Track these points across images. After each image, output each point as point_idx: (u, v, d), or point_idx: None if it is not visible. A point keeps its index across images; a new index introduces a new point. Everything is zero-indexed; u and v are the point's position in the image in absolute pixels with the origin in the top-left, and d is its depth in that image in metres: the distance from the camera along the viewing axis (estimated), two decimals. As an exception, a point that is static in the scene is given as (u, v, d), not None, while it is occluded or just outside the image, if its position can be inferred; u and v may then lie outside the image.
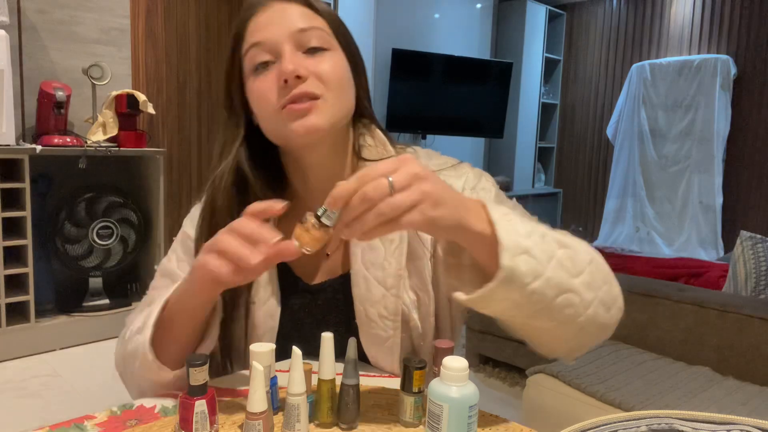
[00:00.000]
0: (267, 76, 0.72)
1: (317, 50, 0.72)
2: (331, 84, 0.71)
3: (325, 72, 0.71)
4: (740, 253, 2.07)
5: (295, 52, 0.71)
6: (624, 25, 4.95)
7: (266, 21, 0.73)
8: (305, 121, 0.70)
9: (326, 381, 0.62)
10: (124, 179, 3.07)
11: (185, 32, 3.35)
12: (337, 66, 0.73)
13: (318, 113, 0.70)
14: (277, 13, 0.73)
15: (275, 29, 0.72)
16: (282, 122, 0.71)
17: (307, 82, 0.70)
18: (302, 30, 0.72)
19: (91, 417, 0.64)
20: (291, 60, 0.70)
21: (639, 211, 4.84)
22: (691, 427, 0.47)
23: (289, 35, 0.71)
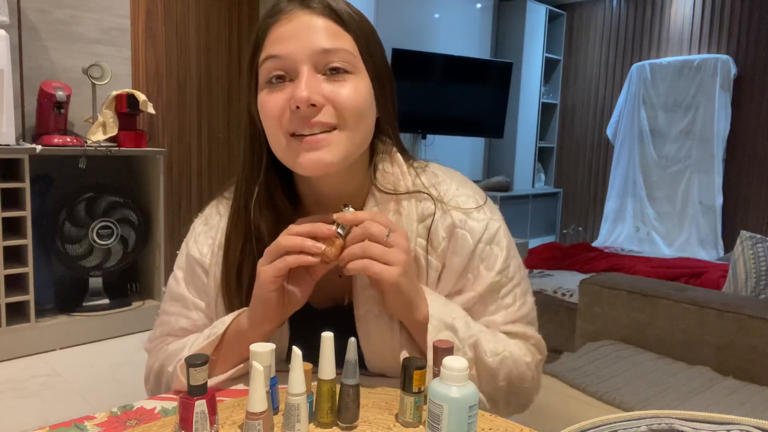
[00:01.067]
0: (279, 93, 0.66)
1: (339, 72, 0.66)
2: (348, 114, 0.66)
3: (343, 101, 0.65)
4: (740, 253, 2.07)
5: (313, 75, 0.65)
6: (624, 25, 4.95)
7: (288, 33, 0.65)
8: (314, 156, 0.65)
9: (326, 381, 0.62)
10: (124, 179, 3.07)
11: (185, 32, 3.35)
12: (358, 93, 0.67)
13: (330, 148, 0.66)
14: (301, 25, 0.65)
15: (296, 45, 0.65)
16: (289, 151, 0.67)
17: (322, 112, 0.65)
18: (325, 50, 0.65)
19: (91, 417, 0.64)
20: (307, 85, 0.64)
21: (639, 211, 4.84)
22: (691, 427, 0.47)
23: (310, 55, 0.65)
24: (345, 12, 0.67)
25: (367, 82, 0.69)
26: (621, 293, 1.87)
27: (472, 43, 4.85)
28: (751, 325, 1.62)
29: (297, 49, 0.65)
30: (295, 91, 0.64)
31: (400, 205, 0.74)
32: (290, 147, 0.67)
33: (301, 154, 0.66)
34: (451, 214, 0.74)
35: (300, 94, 0.63)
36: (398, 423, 0.65)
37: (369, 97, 0.69)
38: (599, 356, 1.72)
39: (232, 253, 0.74)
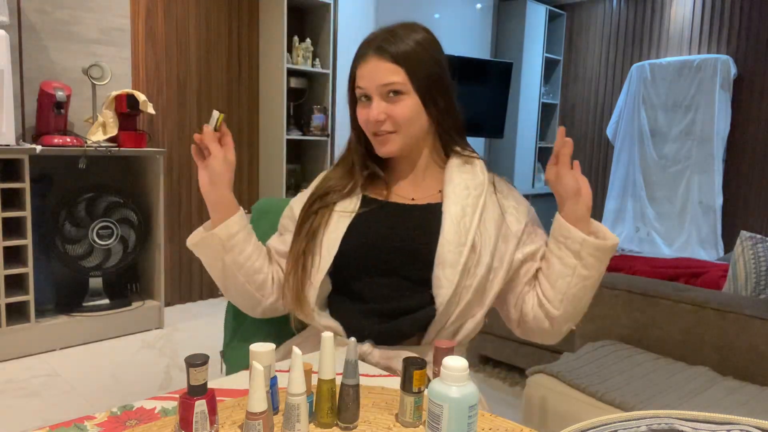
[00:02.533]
0: (365, 108, 1.03)
1: (396, 94, 1.01)
2: (400, 123, 1.02)
3: (396, 116, 1.01)
4: (740, 253, 2.07)
5: (378, 101, 1.01)
6: (624, 25, 4.95)
7: (365, 73, 1.02)
8: (382, 148, 1.04)
9: (326, 381, 0.63)
10: (124, 179, 3.07)
11: (185, 32, 3.35)
12: (407, 109, 1.01)
13: (391, 143, 1.03)
14: (371, 67, 1.01)
15: (369, 81, 1.02)
16: (372, 140, 1.06)
17: (386, 124, 1.02)
18: (385, 84, 1.00)
19: (91, 417, 0.64)
20: (376, 108, 1.01)
21: (639, 211, 4.84)
22: (691, 427, 0.47)
23: (377, 88, 1.01)
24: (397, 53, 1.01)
25: (415, 98, 1.02)
26: (621, 293, 1.87)
27: (472, 43, 4.85)
28: (751, 325, 1.62)
29: (370, 83, 1.02)
30: (370, 113, 1.02)
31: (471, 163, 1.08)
32: (372, 141, 1.06)
33: (377, 146, 1.05)
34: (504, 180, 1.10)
35: (372, 116, 1.02)
36: (398, 423, 0.65)
37: (416, 108, 1.02)
38: (599, 356, 1.72)
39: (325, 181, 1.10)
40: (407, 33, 1.04)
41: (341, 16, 3.70)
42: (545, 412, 1.62)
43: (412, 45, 1.03)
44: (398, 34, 1.03)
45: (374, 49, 1.03)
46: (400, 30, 1.05)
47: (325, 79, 3.73)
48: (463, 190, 1.03)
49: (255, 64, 3.68)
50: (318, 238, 1.02)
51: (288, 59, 3.54)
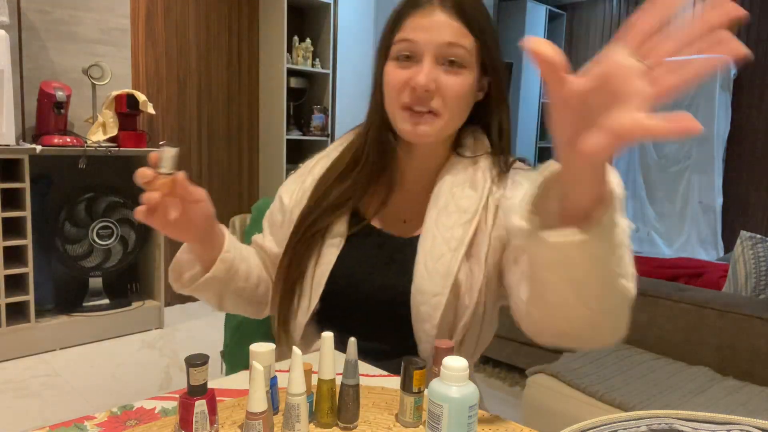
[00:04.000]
0: (403, 70, 0.81)
1: (454, 65, 0.80)
2: (450, 104, 0.80)
3: (450, 92, 0.80)
4: (740, 253, 2.07)
5: (433, 65, 0.79)
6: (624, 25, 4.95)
7: (423, 25, 0.80)
8: (416, 128, 0.81)
9: (326, 381, 0.62)
10: (124, 179, 3.07)
11: (185, 32, 3.35)
12: (464, 87, 0.81)
13: (430, 125, 0.81)
14: (435, 21, 0.79)
15: (426, 36, 0.79)
16: (398, 117, 0.82)
17: (434, 99, 0.79)
18: (449, 44, 0.79)
19: (91, 417, 0.64)
20: (427, 73, 0.78)
21: (639, 212, 4.84)
22: (691, 427, 0.47)
23: (436, 47, 0.79)
24: (472, 15, 0.80)
25: (475, 76, 0.82)
26: (621, 293, 1.87)
27: (472, 43, 4.85)
28: (751, 325, 1.62)
29: (426, 38, 0.79)
30: (418, 76, 0.78)
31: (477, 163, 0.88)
32: (401, 116, 0.82)
33: (406, 123, 0.82)
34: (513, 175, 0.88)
35: (420, 79, 0.78)
36: (398, 423, 0.65)
37: (472, 91, 0.83)
38: (599, 356, 1.72)
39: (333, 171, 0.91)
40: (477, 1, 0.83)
41: (341, 16, 3.70)
42: (545, 412, 1.62)
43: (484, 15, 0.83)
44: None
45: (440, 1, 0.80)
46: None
47: (325, 79, 3.73)
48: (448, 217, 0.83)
49: (255, 64, 3.68)
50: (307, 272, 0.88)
51: (288, 59, 3.54)
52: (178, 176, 0.70)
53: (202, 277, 0.83)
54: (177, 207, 0.72)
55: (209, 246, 0.83)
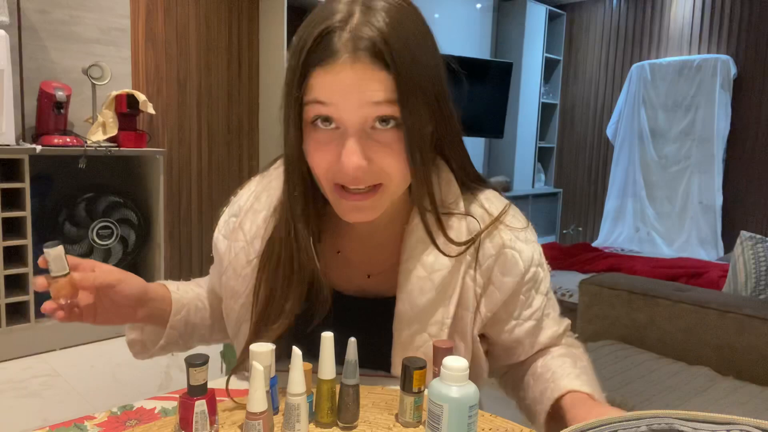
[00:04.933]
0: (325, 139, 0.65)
1: (388, 124, 0.65)
2: (393, 171, 0.67)
3: (389, 160, 0.65)
4: (740, 253, 2.07)
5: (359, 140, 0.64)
6: (624, 25, 4.95)
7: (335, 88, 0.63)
8: (359, 214, 0.69)
9: (326, 381, 0.62)
10: (124, 179, 3.07)
11: (185, 32, 3.34)
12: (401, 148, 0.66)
13: (375, 207, 0.68)
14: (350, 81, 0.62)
15: (343, 101, 0.63)
16: (334, 197, 0.69)
17: (370, 174, 0.65)
18: (376, 103, 0.63)
19: (91, 417, 0.64)
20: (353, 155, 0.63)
21: (639, 211, 4.84)
22: (691, 427, 0.47)
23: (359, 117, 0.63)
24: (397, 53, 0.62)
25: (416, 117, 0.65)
26: (621, 293, 1.87)
27: (472, 43, 4.85)
28: (751, 325, 1.62)
29: (346, 106, 0.63)
30: (344, 158, 0.64)
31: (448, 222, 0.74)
32: (334, 195, 0.69)
33: (346, 207, 0.69)
34: (501, 233, 0.75)
35: (348, 166, 0.64)
36: (398, 423, 0.65)
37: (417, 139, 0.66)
38: (599, 356, 1.72)
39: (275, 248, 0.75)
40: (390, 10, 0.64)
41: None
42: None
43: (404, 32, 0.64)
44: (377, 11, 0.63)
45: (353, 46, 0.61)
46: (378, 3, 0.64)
47: (325, 79, 3.72)
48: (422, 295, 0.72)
49: (255, 64, 3.68)
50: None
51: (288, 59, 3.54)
52: (73, 276, 0.67)
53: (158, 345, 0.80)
54: (88, 298, 0.69)
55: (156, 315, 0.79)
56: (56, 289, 0.65)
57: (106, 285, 0.70)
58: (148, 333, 0.82)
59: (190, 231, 3.46)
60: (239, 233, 0.79)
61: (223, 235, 0.82)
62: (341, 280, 0.79)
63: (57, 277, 0.65)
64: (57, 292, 0.65)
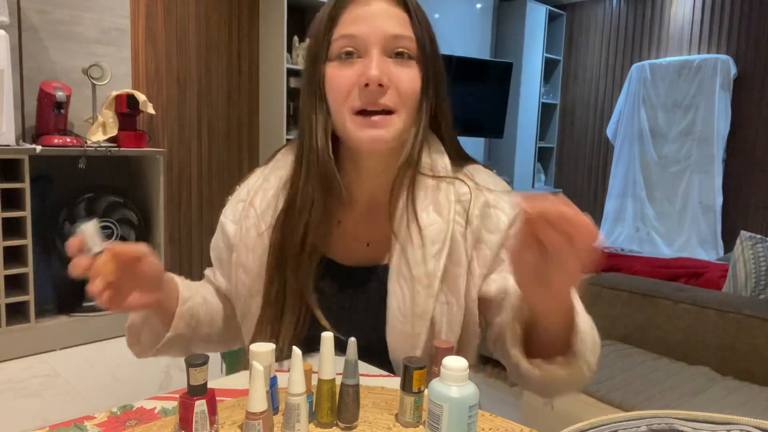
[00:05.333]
0: (349, 69, 0.72)
1: (403, 57, 0.73)
2: (407, 99, 0.73)
3: (405, 85, 0.73)
4: (740, 253, 2.07)
5: (382, 57, 0.72)
6: (624, 25, 4.95)
7: (363, 15, 0.72)
8: (374, 133, 0.73)
9: (326, 381, 0.62)
10: (124, 179, 3.07)
11: (185, 32, 3.35)
12: (417, 80, 0.74)
13: (389, 128, 0.73)
14: (376, 10, 0.72)
15: (370, 27, 0.72)
16: (352, 125, 0.74)
17: (387, 95, 0.72)
18: (396, 36, 0.72)
19: (91, 417, 0.64)
20: (378, 65, 0.71)
21: (639, 211, 4.84)
22: (691, 427, 0.47)
23: (382, 38, 0.72)
24: (413, 4, 0.75)
25: (422, 70, 0.75)
26: (621, 293, 1.87)
27: (472, 43, 4.85)
28: (751, 325, 1.62)
29: (370, 31, 0.71)
30: (367, 70, 0.71)
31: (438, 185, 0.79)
32: (354, 122, 0.73)
33: (363, 130, 0.73)
34: (485, 194, 0.80)
35: (372, 73, 0.70)
36: (398, 423, 0.65)
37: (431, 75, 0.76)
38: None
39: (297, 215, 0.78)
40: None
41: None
42: (545, 412, 1.62)
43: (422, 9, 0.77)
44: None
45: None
46: None
47: (325, 79, 3.72)
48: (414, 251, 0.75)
49: (255, 64, 3.68)
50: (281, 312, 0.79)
51: (288, 59, 3.54)
52: (114, 248, 0.64)
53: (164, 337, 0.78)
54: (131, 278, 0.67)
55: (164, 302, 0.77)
56: (99, 267, 0.61)
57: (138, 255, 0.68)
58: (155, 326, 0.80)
59: (190, 231, 3.46)
60: (250, 210, 0.82)
61: (231, 220, 0.85)
62: (342, 250, 0.82)
63: (97, 254, 0.61)
64: (101, 270, 0.61)
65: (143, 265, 0.69)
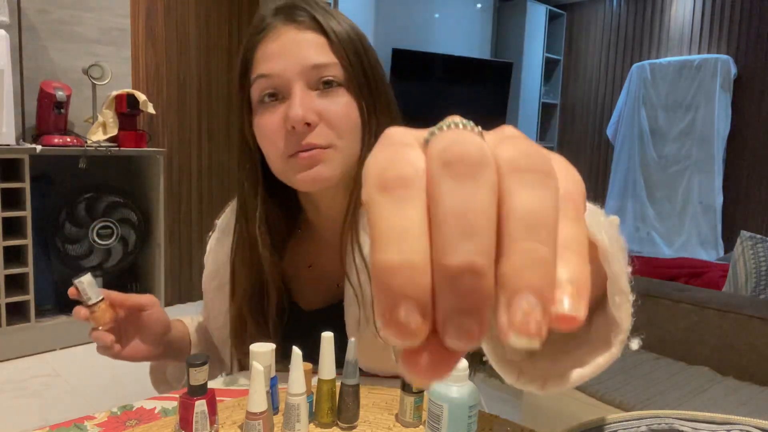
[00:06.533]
0: (274, 113, 0.67)
1: (331, 86, 0.67)
2: (343, 131, 0.67)
3: (336, 117, 0.66)
4: (740, 253, 2.07)
5: (306, 92, 0.66)
6: (624, 25, 4.95)
7: (277, 51, 0.66)
8: (312, 173, 0.67)
9: (326, 381, 0.62)
10: (124, 179, 3.07)
11: (185, 32, 3.34)
12: (351, 107, 0.67)
13: (327, 163, 0.67)
14: (289, 41, 0.66)
15: (286, 62, 0.66)
16: (289, 170, 0.68)
17: (316, 131, 0.65)
18: (316, 66, 0.66)
19: (91, 417, 0.64)
20: (301, 103, 0.64)
21: (639, 211, 4.84)
22: (691, 427, 0.47)
23: (301, 71, 0.65)
24: (329, 26, 0.67)
25: (355, 94, 0.68)
26: (621, 293, 1.87)
27: (472, 43, 4.85)
28: (751, 325, 1.62)
29: (287, 66, 0.66)
30: (289, 111, 0.65)
31: None
32: (289, 167, 0.68)
33: (301, 172, 0.68)
34: None
35: (295, 114, 0.64)
36: (398, 423, 0.65)
37: (357, 113, 0.69)
38: (599, 356, 1.72)
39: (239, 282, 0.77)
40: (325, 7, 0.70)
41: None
42: (545, 412, 1.62)
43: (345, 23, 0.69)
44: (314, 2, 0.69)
45: (286, 16, 0.68)
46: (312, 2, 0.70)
47: (325, 79, 3.72)
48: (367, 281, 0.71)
49: (255, 64, 3.68)
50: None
51: (288, 59, 3.54)
52: (111, 297, 0.67)
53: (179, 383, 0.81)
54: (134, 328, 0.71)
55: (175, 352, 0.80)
56: (98, 317, 0.66)
57: (141, 305, 0.71)
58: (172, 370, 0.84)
59: (190, 231, 3.46)
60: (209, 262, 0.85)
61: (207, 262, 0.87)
62: (314, 293, 0.80)
63: (95, 304, 0.66)
64: (100, 319, 0.66)
65: (147, 315, 0.72)
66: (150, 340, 0.74)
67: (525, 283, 0.18)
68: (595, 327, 0.35)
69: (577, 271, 0.20)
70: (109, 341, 0.69)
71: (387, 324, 0.18)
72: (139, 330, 0.73)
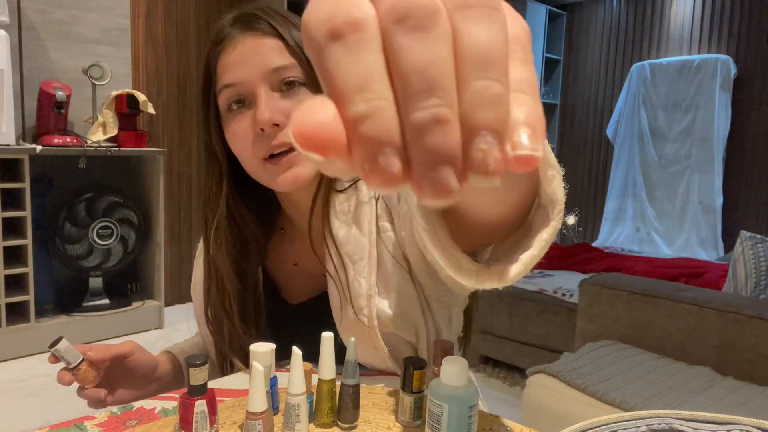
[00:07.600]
0: (242, 120, 0.69)
1: (294, 86, 0.69)
2: None
3: None
4: (740, 253, 2.07)
5: (270, 95, 0.68)
6: (624, 25, 4.95)
7: (238, 59, 0.68)
8: (288, 175, 0.69)
9: (326, 381, 0.62)
10: (124, 179, 3.07)
11: (185, 32, 3.35)
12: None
13: (302, 163, 0.68)
14: (248, 49, 0.68)
15: (248, 69, 0.68)
16: (265, 174, 0.71)
17: (285, 130, 0.66)
18: (276, 69, 0.68)
19: (91, 417, 0.64)
20: (267, 107, 0.66)
21: (639, 211, 4.84)
22: (691, 427, 0.47)
23: (263, 75, 0.67)
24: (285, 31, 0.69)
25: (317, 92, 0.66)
26: (621, 293, 1.87)
27: (472, 43, 4.85)
28: (751, 325, 1.62)
29: (249, 73, 0.68)
30: (257, 114, 0.67)
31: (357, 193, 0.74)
32: (266, 170, 0.70)
33: (279, 176, 0.70)
34: None
35: (261, 116, 0.66)
36: (398, 423, 0.65)
37: None
38: (599, 356, 1.72)
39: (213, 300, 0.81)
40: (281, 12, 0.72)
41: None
42: (545, 412, 1.62)
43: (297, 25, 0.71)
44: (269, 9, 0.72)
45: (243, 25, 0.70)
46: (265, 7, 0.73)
47: (325, 79, 3.72)
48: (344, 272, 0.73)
49: (255, 64, 3.68)
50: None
51: (288, 59, 3.54)
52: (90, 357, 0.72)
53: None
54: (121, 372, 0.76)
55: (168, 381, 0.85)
56: (82, 378, 0.69)
57: (123, 354, 0.75)
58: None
59: (190, 231, 3.46)
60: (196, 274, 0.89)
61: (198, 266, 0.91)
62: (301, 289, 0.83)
63: (76, 366, 0.68)
64: (84, 379, 0.69)
65: (131, 361, 0.77)
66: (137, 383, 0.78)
67: (481, 123, 0.18)
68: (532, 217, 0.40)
69: (532, 111, 0.20)
70: (102, 396, 0.73)
71: (369, 174, 0.18)
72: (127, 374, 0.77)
